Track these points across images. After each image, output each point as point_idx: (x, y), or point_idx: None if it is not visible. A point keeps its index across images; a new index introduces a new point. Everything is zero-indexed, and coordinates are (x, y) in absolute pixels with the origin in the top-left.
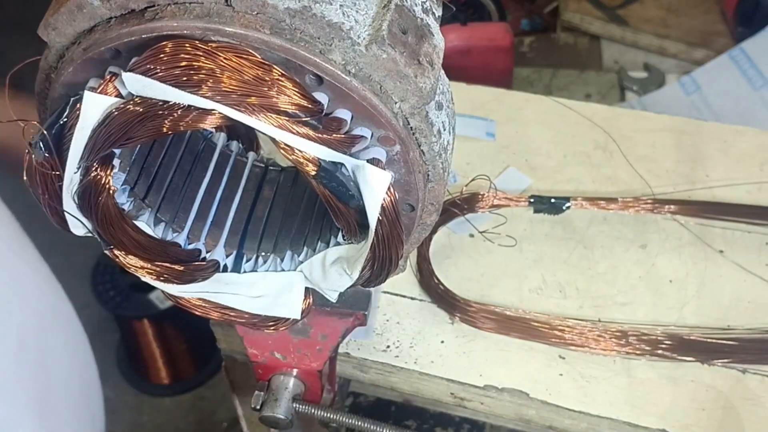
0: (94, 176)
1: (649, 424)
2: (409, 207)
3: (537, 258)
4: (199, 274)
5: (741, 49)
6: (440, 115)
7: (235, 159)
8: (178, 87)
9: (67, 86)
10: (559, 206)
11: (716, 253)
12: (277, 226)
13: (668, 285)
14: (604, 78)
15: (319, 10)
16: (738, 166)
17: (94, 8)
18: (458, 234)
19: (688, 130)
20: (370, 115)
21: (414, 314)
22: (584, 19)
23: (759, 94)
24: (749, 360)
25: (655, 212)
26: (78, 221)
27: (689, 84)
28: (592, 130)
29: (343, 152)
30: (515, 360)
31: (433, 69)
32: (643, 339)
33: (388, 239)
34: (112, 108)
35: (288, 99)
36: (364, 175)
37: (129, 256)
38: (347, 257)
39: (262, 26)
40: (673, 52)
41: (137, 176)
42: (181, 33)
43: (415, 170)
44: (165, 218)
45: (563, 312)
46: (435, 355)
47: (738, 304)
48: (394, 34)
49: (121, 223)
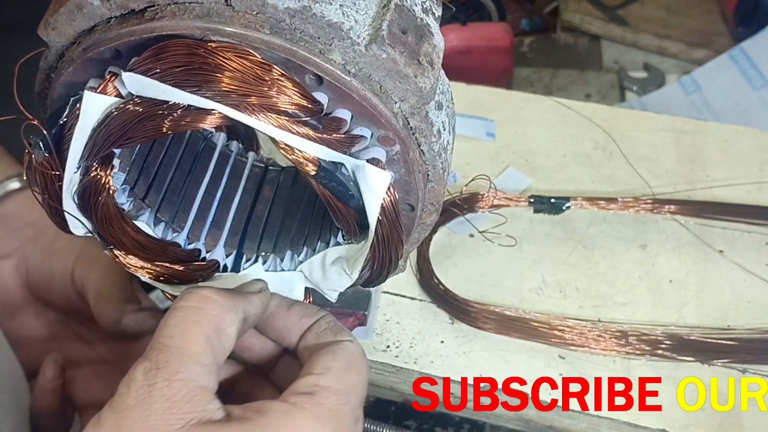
0: (93, 176)
1: (649, 424)
2: (409, 207)
3: (537, 258)
4: (199, 274)
5: (741, 49)
6: (440, 114)
7: (235, 159)
8: (177, 87)
9: (67, 86)
10: (559, 206)
11: (716, 253)
12: (276, 226)
13: (668, 285)
14: (604, 78)
15: (319, 10)
16: (738, 166)
17: (93, 8)
18: (458, 234)
19: (687, 130)
20: (369, 115)
21: (414, 314)
22: (584, 19)
23: (759, 94)
24: (749, 360)
25: (655, 212)
26: (78, 221)
27: (689, 84)
28: (592, 130)
29: (342, 152)
30: (515, 360)
31: (433, 69)
32: (643, 339)
33: (388, 239)
34: (112, 108)
35: (288, 99)
36: (364, 175)
37: (129, 256)
38: (347, 257)
39: (262, 26)
40: (673, 52)
41: (137, 176)
42: (181, 33)
43: (414, 170)
44: (165, 218)
45: (563, 312)
46: (435, 355)
47: (738, 304)
48: (394, 34)
49: (121, 223)
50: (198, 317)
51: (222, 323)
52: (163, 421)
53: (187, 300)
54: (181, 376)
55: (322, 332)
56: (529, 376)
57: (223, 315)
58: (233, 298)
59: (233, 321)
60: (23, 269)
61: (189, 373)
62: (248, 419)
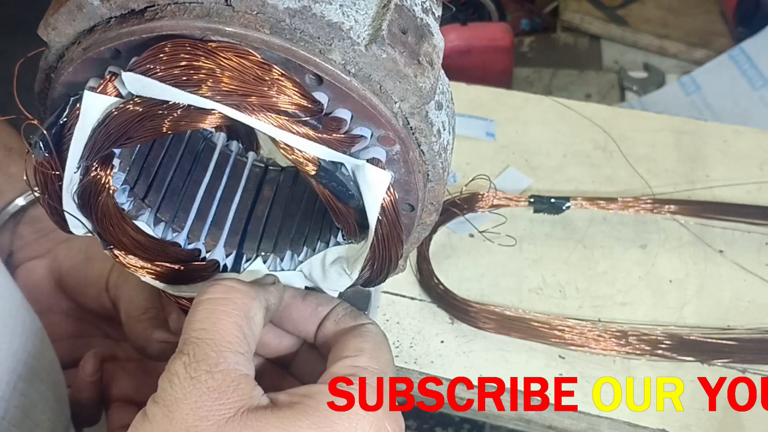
0: (93, 176)
1: (649, 424)
2: (409, 207)
3: (537, 258)
4: (199, 274)
5: (741, 49)
6: (440, 114)
7: (235, 159)
8: (177, 87)
9: (67, 86)
10: (559, 206)
11: (716, 253)
12: (276, 225)
13: (668, 285)
14: (604, 78)
15: (319, 10)
16: (738, 166)
17: (93, 8)
18: (458, 234)
19: (687, 130)
20: (369, 115)
21: (414, 314)
22: (584, 19)
23: (759, 94)
24: (749, 360)
25: (655, 212)
26: (78, 221)
27: (689, 84)
28: (592, 130)
29: (342, 152)
30: (515, 360)
31: (433, 69)
32: (643, 339)
33: (388, 239)
34: (112, 108)
35: (288, 99)
36: (364, 174)
37: (129, 256)
38: (347, 257)
39: (262, 26)
40: (673, 52)
41: (137, 176)
42: (181, 33)
43: (414, 170)
44: (165, 218)
45: (563, 312)
46: (435, 355)
47: (738, 304)
48: (394, 33)
49: (121, 222)
50: (226, 307)
51: (250, 311)
52: (214, 411)
53: (213, 292)
54: (222, 367)
55: (341, 318)
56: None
57: (249, 303)
58: (255, 287)
59: (259, 308)
60: (57, 271)
61: (229, 363)
62: (297, 403)
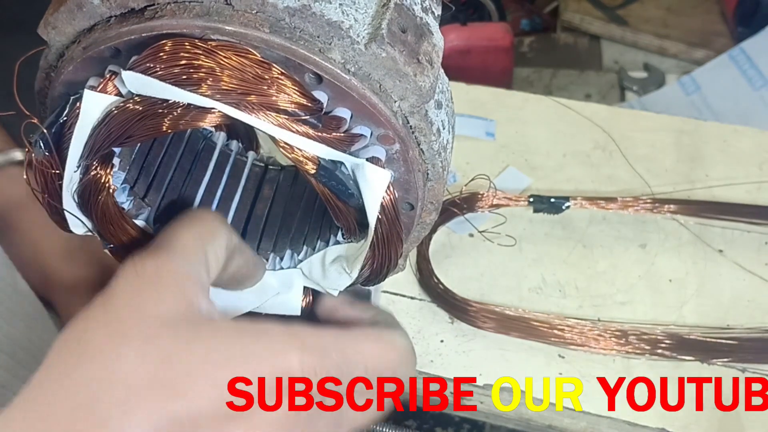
0: (93, 175)
1: (649, 423)
2: (409, 206)
3: (537, 257)
4: None
5: (741, 49)
6: (439, 113)
7: (235, 158)
8: (177, 85)
9: (67, 85)
10: (559, 206)
11: (716, 252)
12: (276, 225)
13: (668, 284)
14: (604, 78)
15: (319, 9)
16: (738, 166)
17: (93, 7)
18: (458, 233)
19: (687, 130)
20: (369, 114)
21: (414, 314)
22: (584, 19)
23: (759, 94)
24: (749, 359)
25: (655, 212)
26: (78, 220)
27: (689, 84)
28: (592, 129)
29: (342, 151)
30: (515, 359)
31: (433, 68)
32: (643, 338)
33: (388, 238)
34: (112, 107)
35: (287, 97)
36: (364, 173)
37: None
38: (347, 256)
39: (262, 25)
40: (673, 52)
41: (137, 175)
42: (181, 31)
43: (414, 169)
44: (165, 217)
45: (563, 311)
46: (435, 355)
47: (737, 303)
48: (394, 32)
49: (121, 221)
50: (191, 221)
51: (215, 229)
52: (151, 307)
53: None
54: (171, 266)
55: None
56: (528, 375)
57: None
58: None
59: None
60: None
61: (179, 264)
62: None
